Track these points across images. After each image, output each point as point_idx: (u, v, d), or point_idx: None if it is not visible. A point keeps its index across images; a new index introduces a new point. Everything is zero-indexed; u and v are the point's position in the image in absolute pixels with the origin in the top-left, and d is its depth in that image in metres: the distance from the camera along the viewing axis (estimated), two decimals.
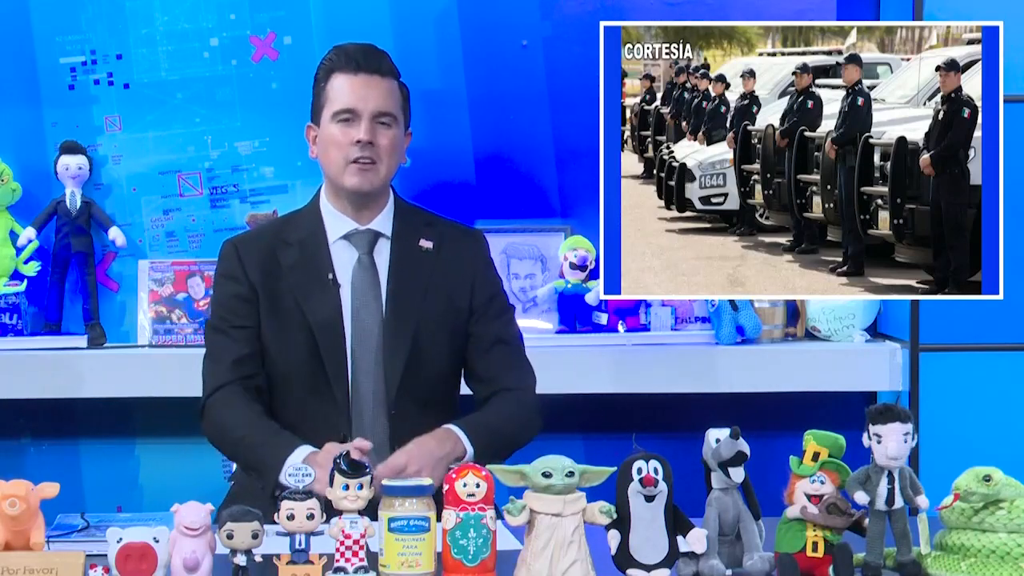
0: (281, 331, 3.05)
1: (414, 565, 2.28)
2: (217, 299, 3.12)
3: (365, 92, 3.04)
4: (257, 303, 3.05)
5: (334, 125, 3.04)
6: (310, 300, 3.03)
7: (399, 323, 3.04)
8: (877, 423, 2.29)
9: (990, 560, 2.30)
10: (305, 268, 3.06)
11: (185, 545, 2.22)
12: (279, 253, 3.08)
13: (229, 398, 3.00)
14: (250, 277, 3.06)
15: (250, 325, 3.05)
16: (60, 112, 4.10)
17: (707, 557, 2.30)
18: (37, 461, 4.14)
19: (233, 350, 3.04)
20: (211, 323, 3.11)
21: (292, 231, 3.11)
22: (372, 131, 3.03)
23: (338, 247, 3.09)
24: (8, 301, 3.95)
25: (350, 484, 2.28)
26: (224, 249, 3.14)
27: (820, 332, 4.08)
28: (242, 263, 3.08)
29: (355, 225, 3.09)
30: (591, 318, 4.02)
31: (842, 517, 2.33)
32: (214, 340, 3.09)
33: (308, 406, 3.04)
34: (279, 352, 3.05)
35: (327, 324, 3.03)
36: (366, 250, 3.08)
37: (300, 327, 3.03)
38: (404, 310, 3.04)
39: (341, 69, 3.06)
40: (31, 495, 2.25)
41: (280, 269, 3.06)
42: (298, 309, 3.03)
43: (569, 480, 2.26)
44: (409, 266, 3.08)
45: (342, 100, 3.04)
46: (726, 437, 2.32)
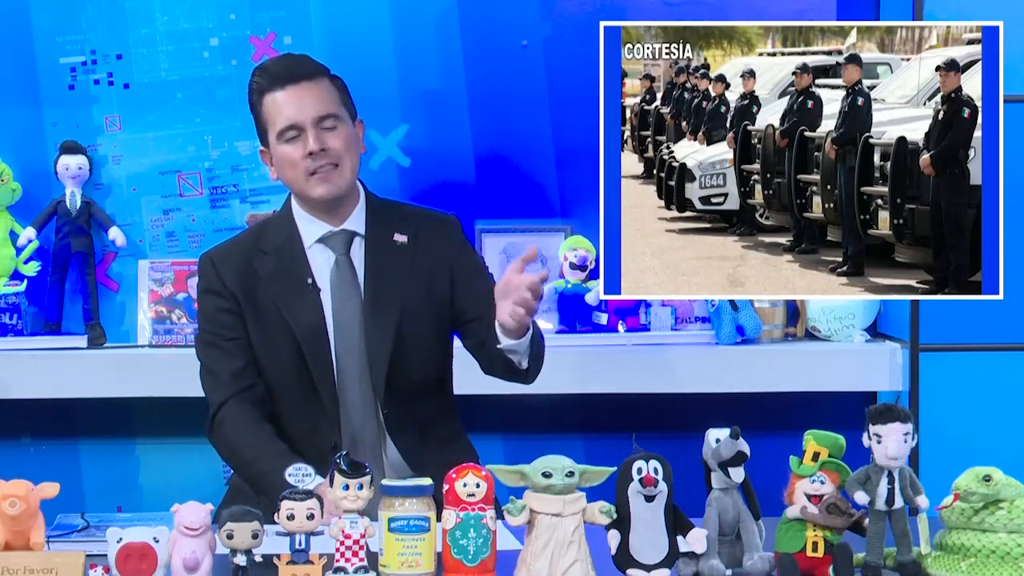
0: (266, 341, 3.03)
1: (414, 565, 2.28)
2: (203, 314, 3.10)
3: (299, 102, 3.00)
4: (242, 314, 3.04)
5: (283, 145, 3.01)
6: (292, 308, 3.02)
7: (380, 321, 3.02)
8: (877, 423, 2.29)
9: (990, 560, 2.30)
10: (284, 276, 3.04)
11: (185, 545, 2.22)
12: (256, 263, 3.06)
13: (236, 416, 2.99)
14: (230, 289, 3.04)
15: (241, 336, 3.04)
16: (60, 112, 4.11)
17: (707, 557, 2.30)
18: (37, 461, 4.14)
19: (229, 363, 3.03)
20: (201, 338, 3.09)
21: (267, 239, 3.09)
22: (320, 138, 2.99)
23: (314, 251, 3.06)
24: (8, 301, 3.95)
25: (350, 484, 2.28)
26: (202, 264, 3.11)
27: (820, 332, 4.09)
28: (220, 276, 3.06)
29: (329, 227, 3.06)
30: (591, 318, 4.02)
31: (842, 517, 2.33)
32: (208, 354, 3.07)
33: (297, 413, 3.03)
34: (266, 362, 3.04)
35: (310, 330, 3.01)
36: (343, 251, 3.06)
37: (284, 336, 3.02)
38: (384, 307, 3.02)
39: (269, 88, 3.03)
40: (31, 495, 2.26)
41: (258, 279, 3.04)
42: (280, 318, 3.02)
43: (569, 480, 2.26)
44: (385, 262, 3.06)
45: (281, 118, 3.00)
46: (726, 437, 2.32)
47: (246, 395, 3.02)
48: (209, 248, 3.18)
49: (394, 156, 4.13)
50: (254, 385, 3.04)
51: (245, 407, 3.00)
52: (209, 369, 3.07)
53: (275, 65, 3.08)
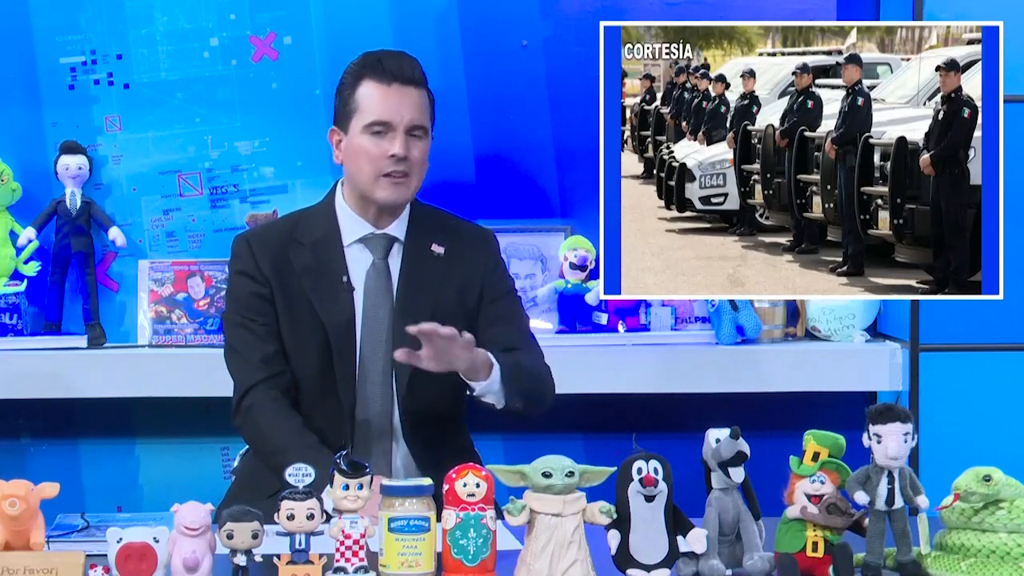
0: (294, 333, 3.03)
1: (414, 565, 2.28)
2: (235, 295, 3.08)
3: (399, 104, 2.98)
4: (274, 302, 3.03)
5: (365, 137, 2.99)
6: (324, 303, 3.01)
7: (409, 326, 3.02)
8: (877, 423, 2.29)
9: (990, 560, 2.30)
10: (319, 271, 3.03)
11: (185, 545, 2.22)
12: (291, 253, 3.05)
13: (265, 402, 2.98)
14: (265, 274, 3.03)
15: (272, 323, 3.03)
16: (60, 112, 4.10)
17: (707, 557, 2.30)
18: (37, 461, 4.14)
19: (260, 347, 3.02)
20: (230, 318, 3.08)
21: (306, 231, 3.08)
22: (406, 145, 2.97)
23: (353, 250, 3.06)
24: (8, 301, 3.95)
25: (350, 484, 2.28)
26: (237, 245, 3.10)
27: (820, 332, 4.08)
28: (256, 261, 3.04)
29: (372, 229, 3.06)
30: (591, 318, 4.02)
31: (842, 517, 2.33)
32: (237, 335, 3.05)
33: (314, 410, 3.03)
34: (292, 353, 3.04)
35: (340, 328, 3.01)
36: (381, 255, 3.06)
37: (314, 329, 3.01)
38: (415, 314, 2.99)
39: (373, 77, 2.99)
40: (31, 495, 2.25)
41: (293, 269, 3.04)
42: (312, 311, 3.01)
43: (569, 480, 2.26)
44: (420, 271, 3.05)
45: (375, 111, 2.98)
46: (726, 437, 2.32)
47: (275, 381, 3.01)
48: (245, 230, 3.16)
49: None
50: (283, 372, 3.03)
51: (274, 393, 2.99)
52: (237, 350, 3.05)
53: (387, 57, 3.02)
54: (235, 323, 3.06)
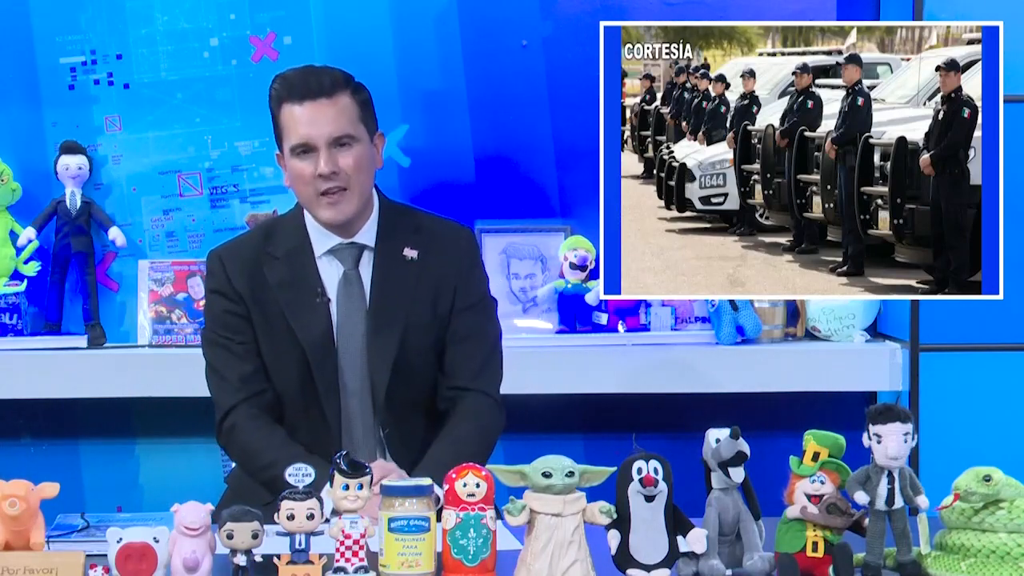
0: (272, 348, 3.02)
1: (414, 565, 2.28)
2: (212, 313, 3.07)
3: (315, 121, 2.94)
4: (250, 318, 3.02)
5: (295, 160, 2.96)
6: (300, 318, 2.99)
7: (383, 338, 2.99)
8: (877, 423, 2.29)
9: (990, 560, 2.30)
10: (293, 284, 3.01)
11: (185, 545, 2.22)
12: (265, 267, 3.03)
13: (247, 422, 2.98)
14: (239, 291, 3.02)
15: (249, 340, 3.02)
16: (60, 112, 4.11)
17: (707, 557, 2.30)
18: (37, 461, 4.14)
19: (238, 366, 3.01)
20: (208, 337, 3.07)
21: (278, 243, 3.05)
22: (332, 159, 2.93)
23: (324, 261, 3.04)
24: (8, 301, 3.95)
25: (350, 484, 2.28)
26: (210, 262, 3.08)
27: (820, 332, 4.09)
28: (229, 277, 3.03)
29: (339, 239, 3.03)
30: (591, 318, 4.02)
31: (842, 517, 2.33)
32: (216, 354, 3.04)
33: (299, 425, 3.02)
34: (271, 370, 3.03)
35: (317, 342, 2.99)
36: (351, 265, 3.03)
37: (291, 345, 3.00)
38: (388, 323, 2.99)
39: (287, 99, 2.96)
40: (31, 495, 2.25)
41: (267, 284, 3.01)
42: (288, 327, 2.99)
43: (569, 480, 2.26)
44: (392, 277, 3.03)
45: (296, 134, 2.95)
46: (726, 437, 2.32)
47: (255, 401, 3.00)
48: (218, 245, 3.13)
49: (394, 156, 4.13)
50: (263, 391, 3.02)
51: (254, 412, 2.99)
52: (216, 369, 3.04)
53: (295, 76, 2.99)
54: (212, 341, 3.05)
